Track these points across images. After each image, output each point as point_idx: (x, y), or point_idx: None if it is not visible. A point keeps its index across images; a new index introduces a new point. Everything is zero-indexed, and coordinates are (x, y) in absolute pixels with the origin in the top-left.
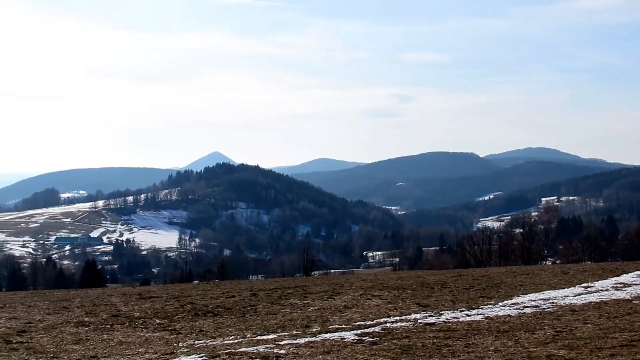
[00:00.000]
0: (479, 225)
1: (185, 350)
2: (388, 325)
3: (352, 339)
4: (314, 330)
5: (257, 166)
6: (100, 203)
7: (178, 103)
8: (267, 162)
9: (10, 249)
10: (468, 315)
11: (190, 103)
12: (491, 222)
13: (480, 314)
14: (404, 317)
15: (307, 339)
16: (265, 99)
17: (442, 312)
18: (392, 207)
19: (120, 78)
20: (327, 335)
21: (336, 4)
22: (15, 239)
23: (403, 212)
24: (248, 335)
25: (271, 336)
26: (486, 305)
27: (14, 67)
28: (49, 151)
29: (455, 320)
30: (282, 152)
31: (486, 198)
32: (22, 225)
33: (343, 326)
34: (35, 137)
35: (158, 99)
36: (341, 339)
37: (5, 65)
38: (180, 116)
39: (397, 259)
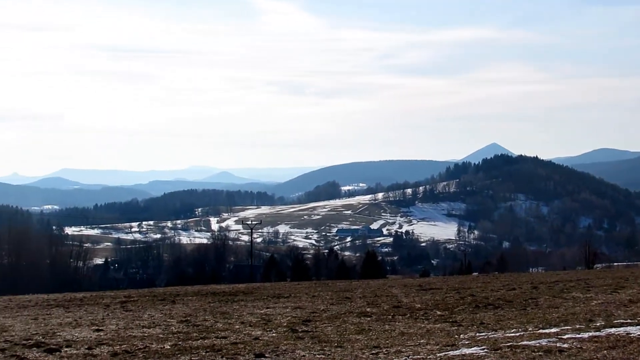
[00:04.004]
0: None
1: (466, 342)
2: None
3: (639, 335)
4: (597, 324)
5: (536, 157)
6: (380, 195)
7: (455, 96)
8: (546, 153)
9: (294, 240)
10: None
11: (467, 96)
12: None
13: None
14: None
15: (590, 334)
16: (543, 89)
17: None
18: None
19: (394, 74)
20: (612, 330)
21: None
22: (299, 230)
23: None
24: (530, 329)
25: (553, 330)
26: None
27: (301, 68)
28: (331, 145)
29: None
30: (561, 143)
31: None
32: (305, 217)
33: (628, 321)
34: (318, 133)
35: (435, 93)
36: (627, 334)
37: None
38: (458, 109)
39: None
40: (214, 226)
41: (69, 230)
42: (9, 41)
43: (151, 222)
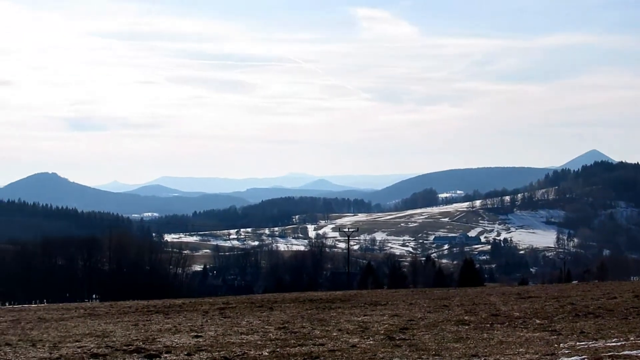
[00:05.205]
0: None
1: (566, 351)
2: None
3: None
4: None
5: (637, 164)
6: (477, 203)
7: (553, 102)
8: None
9: (391, 247)
10: None
11: (566, 102)
12: None
13: None
14: None
15: None
16: None
17: None
18: None
19: (491, 80)
20: None
21: None
22: (396, 238)
23: None
24: (631, 338)
25: None
26: None
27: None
28: (428, 152)
29: None
30: None
31: None
32: (402, 224)
33: None
34: (414, 140)
35: (533, 100)
36: None
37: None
38: (556, 115)
39: None
40: (311, 233)
41: (168, 237)
42: (107, 50)
43: (249, 229)
